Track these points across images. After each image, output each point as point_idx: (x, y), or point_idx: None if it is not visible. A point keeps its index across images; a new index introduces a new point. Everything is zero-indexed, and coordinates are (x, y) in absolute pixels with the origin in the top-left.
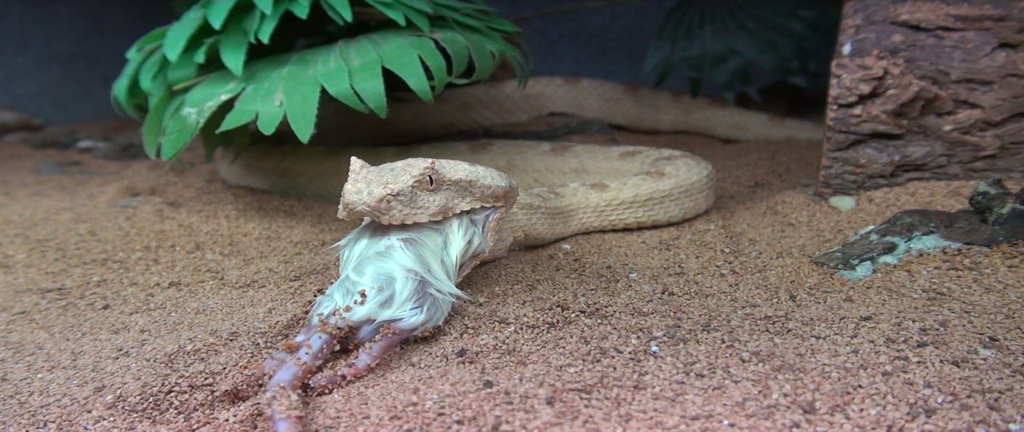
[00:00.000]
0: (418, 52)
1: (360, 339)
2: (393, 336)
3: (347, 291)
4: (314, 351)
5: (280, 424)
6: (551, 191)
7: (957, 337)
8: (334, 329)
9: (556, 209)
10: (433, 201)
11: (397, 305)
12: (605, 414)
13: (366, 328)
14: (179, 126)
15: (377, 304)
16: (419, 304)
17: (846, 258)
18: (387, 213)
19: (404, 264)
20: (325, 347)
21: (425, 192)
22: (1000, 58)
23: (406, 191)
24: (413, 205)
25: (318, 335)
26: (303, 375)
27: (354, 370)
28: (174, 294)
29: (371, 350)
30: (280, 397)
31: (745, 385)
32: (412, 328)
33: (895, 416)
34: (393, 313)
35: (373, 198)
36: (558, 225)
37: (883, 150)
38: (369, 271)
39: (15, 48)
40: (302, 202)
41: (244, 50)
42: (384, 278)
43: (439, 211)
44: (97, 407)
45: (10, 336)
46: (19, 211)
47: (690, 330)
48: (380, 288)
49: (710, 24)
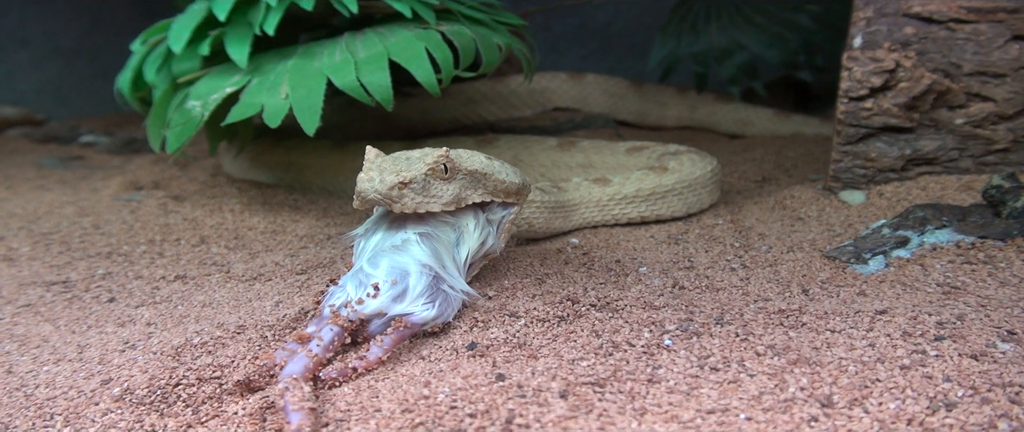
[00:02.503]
0: (425, 45)
1: (370, 332)
2: (404, 330)
3: (360, 283)
4: (325, 343)
5: (293, 415)
6: (554, 185)
7: (974, 331)
8: (346, 321)
9: (556, 203)
10: (446, 190)
11: (410, 300)
12: (619, 407)
13: (377, 321)
14: (184, 119)
15: (390, 298)
16: (431, 299)
17: (858, 252)
18: (399, 201)
19: (419, 259)
20: (336, 339)
21: (439, 181)
22: (1013, 51)
23: (419, 179)
24: (426, 193)
25: (330, 327)
26: (314, 367)
27: (365, 363)
28: (180, 287)
29: (383, 343)
30: (293, 388)
31: (761, 379)
32: (423, 323)
33: (915, 410)
34: (405, 307)
35: (385, 186)
36: (557, 220)
37: (894, 144)
38: (384, 264)
39: (17, 43)
40: (307, 196)
41: (249, 42)
42: (399, 272)
43: (452, 200)
44: (104, 400)
45: (15, 329)
46: (22, 205)
47: (703, 323)
48: (394, 282)
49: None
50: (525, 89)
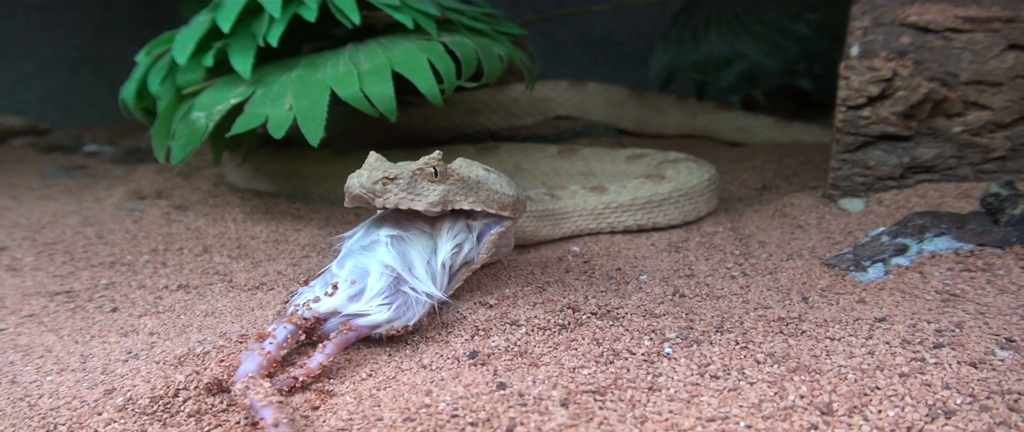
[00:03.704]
0: (427, 55)
1: (325, 331)
2: (349, 332)
3: (326, 283)
4: (279, 341)
5: (264, 411)
6: (549, 193)
7: (973, 338)
8: (300, 319)
9: (546, 211)
10: (433, 190)
11: (366, 300)
12: (620, 416)
13: (333, 320)
14: (189, 130)
15: (346, 297)
16: (388, 301)
17: (858, 260)
18: (382, 195)
19: (382, 260)
20: (289, 337)
21: (426, 181)
22: (1009, 59)
23: (405, 176)
24: (412, 191)
25: (284, 325)
26: (268, 365)
27: (306, 370)
28: (183, 296)
29: (325, 349)
30: (252, 386)
31: (761, 386)
32: (374, 325)
33: (914, 417)
34: (361, 307)
35: (370, 180)
36: (546, 227)
37: (892, 152)
38: (348, 264)
39: (21, 53)
40: (309, 205)
41: (253, 54)
42: (359, 272)
43: (438, 201)
44: (107, 410)
45: (19, 339)
46: (26, 214)
47: (703, 331)
48: (353, 281)
49: (716, 27)
50: (526, 98)
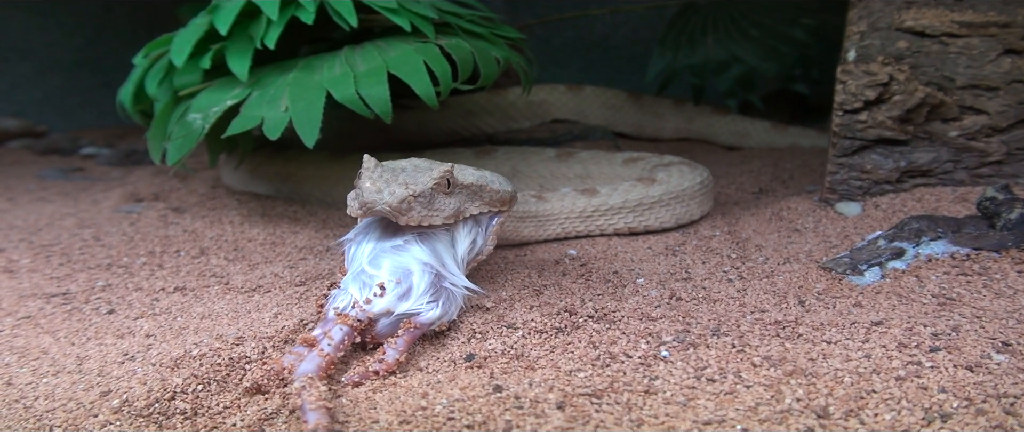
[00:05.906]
0: (424, 58)
1: (377, 332)
2: (415, 330)
3: (364, 284)
4: (336, 342)
5: (310, 414)
6: (536, 195)
7: (969, 342)
8: (354, 321)
9: (527, 213)
10: (448, 204)
11: (414, 298)
12: (616, 418)
13: (384, 321)
14: (184, 131)
15: (396, 297)
16: (435, 298)
17: (854, 263)
18: (406, 214)
19: (420, 258)
20: (346, 338)
21: (442, 195)
22: (1005, 64)
23: (426, 193)
24: (431, 207)
25: (339, 327)
26: (327, 366)
27: (385, 365)
28: (179, 299)
29: (396, 345)
30: (309, 387)
31: (757, 390)
32: (431, 322)
33: (910, 421)
34: (411, 306)
35: (395, 198)
36: (528, 229)
37: (889, 156)
38: (386, 264)
39: (18, 55)
40: (306, 208)
41: (250, 56)
42: (402, 271)
43: (453, 214)
44: (103, 412)
45: (15, 341)
46: (23, 216)
47: (700, 335)
48: (398, 281)
49: (713, 32)
50: (523, 101)
